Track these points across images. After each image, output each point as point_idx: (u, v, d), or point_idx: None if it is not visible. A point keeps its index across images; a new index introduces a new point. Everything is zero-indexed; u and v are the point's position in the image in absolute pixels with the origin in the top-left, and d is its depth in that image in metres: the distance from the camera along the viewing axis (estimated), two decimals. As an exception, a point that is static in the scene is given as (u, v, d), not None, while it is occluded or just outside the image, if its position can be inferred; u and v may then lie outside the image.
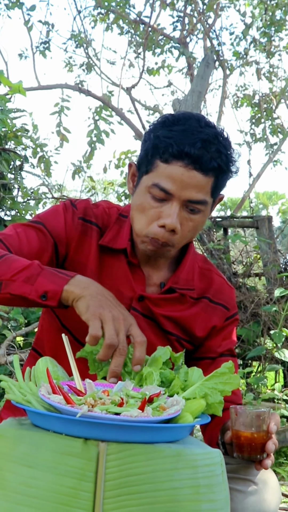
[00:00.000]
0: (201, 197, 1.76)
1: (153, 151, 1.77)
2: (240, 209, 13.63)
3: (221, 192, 1.88)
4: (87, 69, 13.93)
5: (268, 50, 12.52)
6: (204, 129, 1.75)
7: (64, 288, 1.60)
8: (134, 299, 1.89)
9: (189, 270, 1.97)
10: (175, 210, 1.75)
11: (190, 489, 1.26)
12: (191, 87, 10.28)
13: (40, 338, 2.02)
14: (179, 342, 1.95)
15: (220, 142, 1.76)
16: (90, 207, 1.96)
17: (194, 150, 1.70)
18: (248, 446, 1.59)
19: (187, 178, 1.72)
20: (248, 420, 1.58)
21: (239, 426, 1.59)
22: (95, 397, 1.36)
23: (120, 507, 1.24)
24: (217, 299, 1.99)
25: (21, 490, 1.24)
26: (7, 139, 6.19)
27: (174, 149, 1.71)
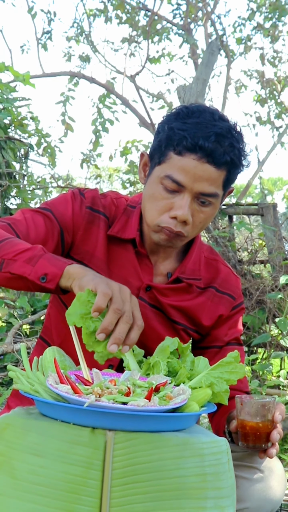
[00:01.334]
0: (213, 190, 1.77)
1: (167, 143, 1.77)
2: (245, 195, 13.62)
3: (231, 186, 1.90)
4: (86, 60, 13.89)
5: (272, 35, 12.45)
6: (218, 122, 1.76)
7: (66, 269, 1.60)
8: (142, 289, 1.90)
9: (196, 260, 1.98)
10: (187, 202, 1.76)
11: (196, 477, 1.28)
12: (196, 75, 10.26)
13: (47, 327, 2.03)
14: (185, 332, 1.96)
15: (233, 136, 1.77)
16: (98, 197, 1.97)
17: (208, 144, 1.71)
18: (253, 435, 1.60)
19: (200, 171, 1.73)
20: (253, 410, 1.59)
21: (245, 415, 1.60)
22: (102, 386, 1.37)
23: (127, 495, 1.26)
24: (223, 288, 2.00)
25: (30, 478, 1.26)
26: (14, 127, 6.18)
27: (188, 142, 1.72)
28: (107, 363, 1.89)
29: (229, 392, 1.56)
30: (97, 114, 11.70)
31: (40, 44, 13.33)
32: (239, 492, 1.72)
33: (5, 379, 4.66)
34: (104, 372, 1.57)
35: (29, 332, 5.50)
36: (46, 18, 13.23)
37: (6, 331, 5.32)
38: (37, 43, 13.37)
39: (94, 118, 11.63)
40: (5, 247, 1.67)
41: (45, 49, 13.40)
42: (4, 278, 1.68)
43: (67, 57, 14.23)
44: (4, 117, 5.93)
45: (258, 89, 13.79)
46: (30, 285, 1.66)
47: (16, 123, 6.23)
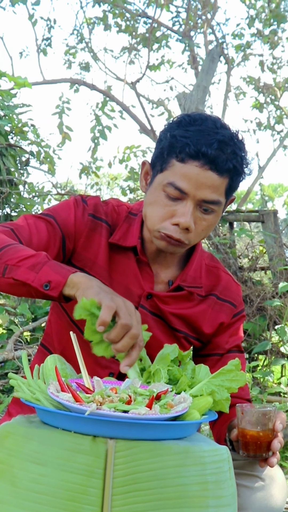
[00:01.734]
0: (216, 198, 1.77)
1: (169, 150, 1.77)
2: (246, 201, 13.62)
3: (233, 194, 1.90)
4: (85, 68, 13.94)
5: (271, 41, 12.48)
6: (220, 130, 1.77)
7: (70, 277, 1.59)
8: (143, 297, 1.90)
9: (197, 268, 1.99)
10: (190, 209, 1.76)
11: (198, 485, 1.28)
12: (196, 82, 10.28)
13: (48, 334, 2.03)
14: (186, 340, 1.96)
15: (235, 144, 1.77)
16: (100, 204, 1.97)
17: (210, 151, 1.71)
18: (254, 444, 1.60)
19: (203, 178, 1.74)
20: (254, 419, 1.59)
21: (245, 424, 1.60)
22: (103, 394, 1.37)
23: (129, 503, 1.26)
24: (224, 296, 2.00)
25: (31, 487, 1.26)
26: (14, 134, 6.19)
27: (191, 149, 1.72)
28: (108, 371, 1.89)
29: (230, 400, 1.55)
30: (95, 122, 11.73)
31: (40, 49, 13.37)
32: (240, 501, 1.72)
33: (6, 386, 4.66)
34: (105, 380, 1.58)
35: (30, 339, 5.50)
36: (46, 26, 13.27)
37: (7, 338, 5.32)
38: (38, 50, 13.41)
39: (93, 126, 11.66)
40: (8, 252, 1.67)
41: (44, 54, 13.43)
42: (7, 284, 1.67)
43: (67, 64, 14.27)
44: (5, 124, 5.94)
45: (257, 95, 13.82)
46: (33, 292, 1.65)
47: (17, 130, 6.24)
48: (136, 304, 1.89)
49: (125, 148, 10.26)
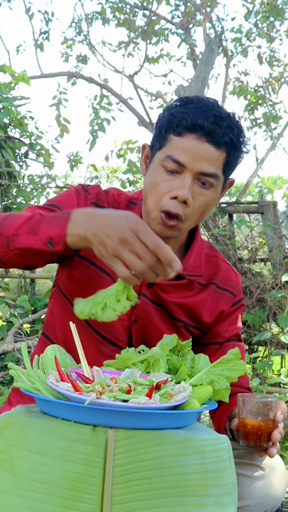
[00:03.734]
0: (214, 171, 1.78)
1: (167, 126, 1.79)
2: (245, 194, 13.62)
3: (231, 176, 1.91)
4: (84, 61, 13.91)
5: (269, 35, 12.46)
6: (216, 108, 1.79)
7: (68, 233, 1.58)
8: (144, 286, 1.90)
9: (197, 257, 1.99)
10: (188, 182, 1.76)
11: (198, 474, 1.28)
12: (195, 73, 10.25)
13: (50, 323, 2.02)
14: (186, 329, 1.96)
15: (231, 120, 1.79)
16: (102, 193, 1.97)
17: (207, 123, 1.73)
18: (254, 434, 1.60)
19: (200, 150, 1.75)
20: (255, 409, 1.60)
21: (246, 414, 1.60)
22: (103, 384, 1.37)
23: (129, 492, 1.26)
24: (224, 285, 2.01)
25: (31, 476, 1.26)
26: (13, 126, 6.19)
27: (187, 122, 1.74)
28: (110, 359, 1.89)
29: (230, 389, 1.55)
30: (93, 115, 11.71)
31: (37, 44, 13.35)
32: (240, 490, 1.72)
33: (6, 378, 4.67)
34: (104, 370, 1.57)
35: (29, 331, 5.51)
36: (44, 19, 13.24)
37: (6, 330, 5.33)
38: (35, 44, 13.38)
39: (92, 119, 11.64)
40: (5, 226, 1.67)
41: (41, 49, 13.41)
42: (15, 256, 1.67)
43: (64, 57, 14.25)
44: (4, 116, 5.93)
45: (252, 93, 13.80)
46: (41, 255, 1.65)
47: (16, 122, 6.23)
48: (137, 293, 1.89)
49: (122, 142, 10.26)
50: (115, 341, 1.90)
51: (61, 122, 10.72)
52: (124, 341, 1.91)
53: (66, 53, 14.23)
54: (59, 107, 10.86)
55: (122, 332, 1.90)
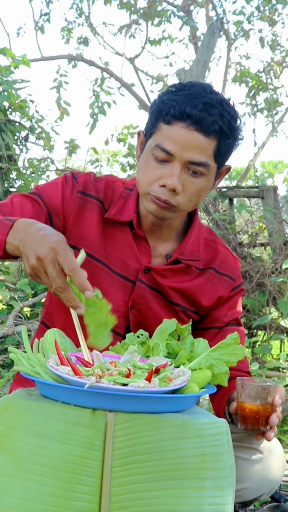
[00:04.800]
0: (203, 159, 1.76)
1: (157, 114, 1.79)
2: (245, 178, 13.58)
3: (227, 163, 1.89)
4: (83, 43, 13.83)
5: (271, 18, 12.38)
6: (208, 94, 1.77)
7: (7, 241, 1.60)
8: (140, 271, 1.90)
9: (195, 241, 1.99)
10: (176, 171, 1.76)
11: (196, 457, 1.29)
12: (196, 57, 10.19)
13: (49, 312, 2.03)
14: (185, 314, 1.97)
15: (223, 107, 1.77)
16: (91, 181, 1.97)
17: (195, 111, 1.72)
18: (252, 418, 1.61)
19: (188, 139, 1.74)
20: (253, 393, 1.61)
21: (245, 398, 1.61)
22: (102, 368, 1.38)
23: (128, 475, 1.27)
24: (222, 270, 2.01)
25: (31, 459, 1.27)
26: (12, 110, 6.16)
27: (176, 110, 1.73)
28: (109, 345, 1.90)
29: (229, 374, 1.56)
30: (94, 98, 11.67)
31: (38, 27, 13.27)
32: (239, 473, 1.74)
33: (6, 361, 4.68)
34: (104, 354, 1.58)
35: (29, 315, 5.52)
36: (44, 0, 13.15)
37: (7, 313, 5.34)
38: (35, 27, 13.30)
39: (92, 102, 11.60)
40: None
41: (42, 31, 13.33)
42: None
43: (65, 39, 14.16)
44: (4, 100, 5.91)
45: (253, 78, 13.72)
46: None
47: (16, 106, 6.21)
48: (134, 278, 1.90)
49: (123, 127, 10.22)
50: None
51: (62, 105, 10.68)
52: (122, 326, 1.91)
53: (67, 34, 14.15)
54: (60, 90, 10.81)
55: (119, 318, 1.89)
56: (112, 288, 1.89)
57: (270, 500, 2.51)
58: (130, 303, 1.90)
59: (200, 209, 6.19)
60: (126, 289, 1.91)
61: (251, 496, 1.89)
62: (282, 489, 2.73)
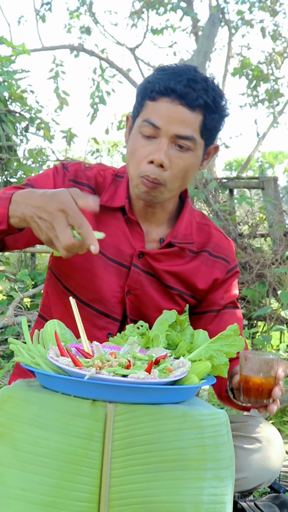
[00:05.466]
0: (189, 133, 1.78)
1: (143, 93, 1.82)
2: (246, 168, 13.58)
3: (215, 141, 1.92)
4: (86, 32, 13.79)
5: (272, 8, 12.34)
6: (192, 72, 1.80)
7: (9, 214, 1.62)
8: (135, 256, 1.91)
9: (187, 225, 2.00)
10: (163, 146, 1.77)
11: (196, 448, 1.29)
12: (197, 47, 10.17)
13: (46, 305, 2.04)
14: (181, 297, 1.98)
15: (208, 84, 1.80)
16: (82, 170, 1.98)
17: (179, 86, 1.75)
18: (255, 391, 1.61)
19: (174, 113, 1.76)
20: (256, 366, 1.61)
21: (248, 371, 1.61)
22: (102, 359, 1.38)
23: (128, 466, 1.27)
24: (216, 252, 2.02)
25: (32, 450, 1.27)
26: (12, 100, 6.14)
27: (160, 86, 1.76)
28: (106, 332, 1.91)
29: (229, 365, 1.56)
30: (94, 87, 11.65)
31: (39, 16, 13.23)
32: (238, 462, 1.74)
33: (6, 352, 4.69)
34: (104, 345, 1.58)
35: (30, 306, 5.53)
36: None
37: (7, 304, 5.34)
38: (36, 16, 13.26)
39: (92, 92, 11.58)
40: None
41: (43, 20, 13.29)
42: None
43: (67, 29, 14.13)
44: (4, 90, 5.90)
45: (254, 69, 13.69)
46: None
47: (16, 96, 6.20)
48: (129, 264, 1.91)
49: (122, 115, 10.20)
50: (109, 313, 1.91)
51: (61, 95, 10.67)
52: (119, 312, 1.93)
53: (69, 24, 14.11)
54: (57, 79, 10.80)
55: (115, 304, 1.92)
56: (107, 274, 1.91)
57: (269, 491, 2.53)
58: (126, 289, 1.91)
59: (200, 199, 6.18)
60: (121, 274, 1.92)
61: (250, 486, 1.90)
62: (281, 480, 2.74)
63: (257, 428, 1.89)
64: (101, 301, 1.91)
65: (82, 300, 1.90)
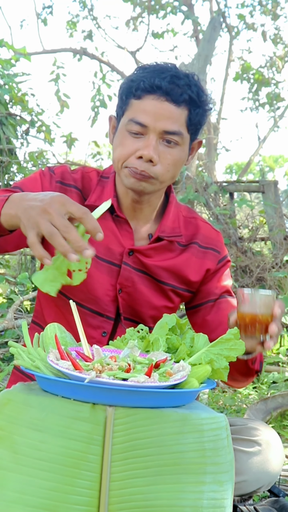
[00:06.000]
0: (176, 128, 1.81)
1: (127, 92, 1.84)
2: (246, 172, 13.59)
3: (199, 136, 1.95)
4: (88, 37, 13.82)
5: (273, 12, 12.37)
6: (174, 69, 1.84)
7: (2, 213, 1.60)
8: (125, 254, 1.92)
9: (174, 219, 2.01)
10: (152, 141, 1.80)
11: (195, 452, 1.29)
12: (198, 51, 10.18)
13: (38, 310, 2.06)
14: (175, 293, 1.98)
15: (190, 79, 1.84)
16: (68, 172, 2.00)
17: (164, 83, 1.78)
18: (252, 326, 1.61)
19: (160, 110, 1.79)
20: (253, 302, 1.61)
21: (245, 307, 1.62)
22: (102, 363, 1.38)
23: (127, 469, 1.27)
24: (206, 244, 2.04)
25: (31, 453, 1.27)
26: (13, 103, 6.15)
27: (145, 84, 1.78)
28: (100, 330, 1.92)
29: (229, 369, 1.56)
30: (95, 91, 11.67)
31: (40, 19, 13.25)
32: (237, 465, 1.74)
33: (6, 355, 4.69)
34: (104, 349, 1.58)
35: (29, 308, 5.53)
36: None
37: (7, 307, 5.34)
38: (38, 19, 13.28)
39: (93, 95, 11.61)
40: None
41: (45, 23, 13.32)
42: None
43: (69, 33, 14.16)
44: (5, 93, 5.91)
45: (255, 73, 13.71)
46: None
47: (17, 99, 6.20)
48: (119, 262, 1.91)
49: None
50: (103, 312, 1.92)
51: (61, 97, 10.68)
52: (112, 311, 1.94)
53: (71, 28, 14.15)
54: (58, 82, 10.81)
55: (108, 303, 1.93)
56: (99, 273, 1.92)
57: (269, 495, 2.52)
58: (118, 287, 1.92)
59: (201, 203, 6.19)
60: (112, 273, 1.93)
61: (250, 489, 1.89)
62: (281, 484, 2.74)
63: (257, 431, 1.89)
64: (94, 300, 1.92)
65: (75, 300, 1.90)
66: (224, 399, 4.35)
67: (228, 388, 4.67)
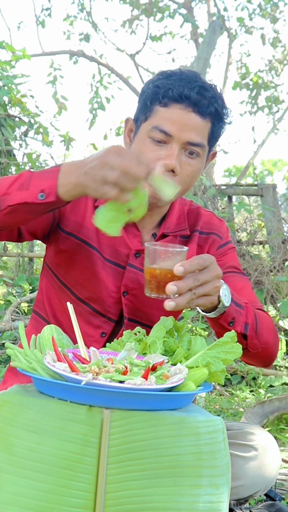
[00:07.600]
0: (200, 140, 1.81)
1: (153, 98, 1.82)
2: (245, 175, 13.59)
3: (213, 148, 1.94)
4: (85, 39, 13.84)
5: (273, 15, 12.40)
6: (199, 79, 1.83)
7: (59, 184, 1.59)
8: (131, 256, 1.92)
9: (179, 215, 2.01)
10: (175, 151, 1.79)
11: (192, 455, 1.29)
12: (197, 54, 10.20)
13: (40, 300, 2.05)
14: None
15: (215, 92, 1.83)
16: None
17: (192, 93, 1.77)
18: (154, 283, 1.56)
19: (186, 120, 1.78)
20: (152, 256, 1.56)
21: (147, 262, 1.58)
22: (99, 365, 1.38)
23: (123, 472, 1.27)
24: (207, 229, 2.03)
25: (27, 455, 1.27)
26: (12, 105, 6.15)
27: (174, 93, 1.77)
28: (100, 331, 1.91)
29: (225, 372, 1.56)
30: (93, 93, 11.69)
31: (39, 21, 13.27)
32: (234, 470, 1.73)
33: (3, 357, 4.69)
34: (101, 351, 1.58)
35: (27, 310, 5.53)
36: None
37: (4, 309, 5.35)
38: (36, 21, 13.30)
39: (91, 97, 11.62)
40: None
41: (43, 26, 13.34)
42: (6, 214, 1.65)
43: (66, 35, 14.17)
44: (4, 95, 5.91)
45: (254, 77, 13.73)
46: (33, 209, 1.64)
47: (16, 101, 6.21)
48: (125, 264, 1.91)
49: (121, 121, 10.23)
50: (105, 313, 1.92)
51: (59, 99, 10.69)
52: (115, 313, 1.93)
53: (68, 30, 14.16)
54: (55, 84, 10.82)
55: (111, 305, 1.92)
56: (105, 274, 1.91)
57: (265, 499, 2.52)
58: (123, 289, 1.92)
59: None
60: (117, 275, 1.92)
61: (247, 493, 1.89)
62: (277, 487, 2.74)
63: (253, 436, 1.88)
64: (98, 300, 1.91)
65: (79, 297, 1.91)
66: (221, 402, 4.35)
67: (225, 392, 4.67)
